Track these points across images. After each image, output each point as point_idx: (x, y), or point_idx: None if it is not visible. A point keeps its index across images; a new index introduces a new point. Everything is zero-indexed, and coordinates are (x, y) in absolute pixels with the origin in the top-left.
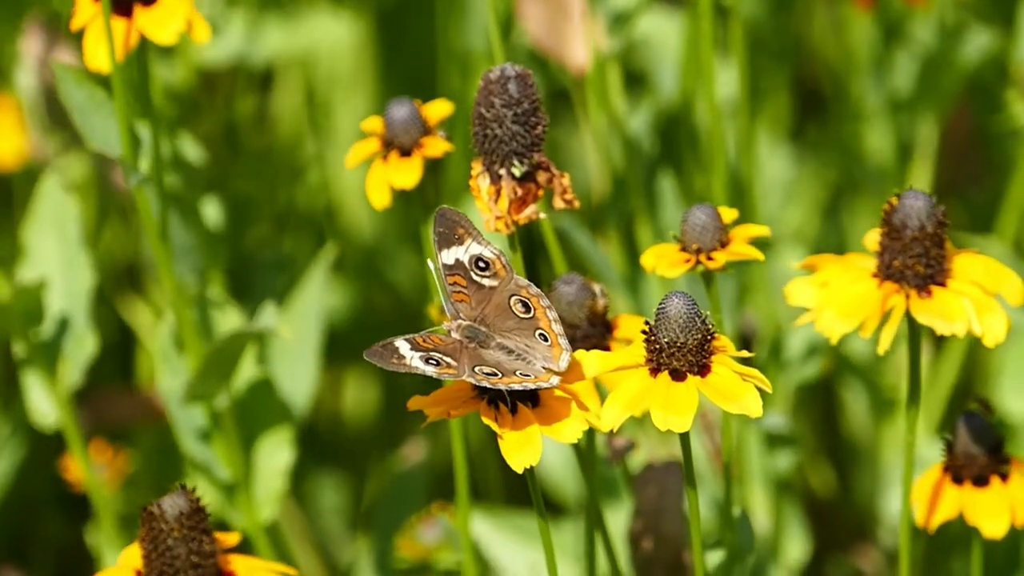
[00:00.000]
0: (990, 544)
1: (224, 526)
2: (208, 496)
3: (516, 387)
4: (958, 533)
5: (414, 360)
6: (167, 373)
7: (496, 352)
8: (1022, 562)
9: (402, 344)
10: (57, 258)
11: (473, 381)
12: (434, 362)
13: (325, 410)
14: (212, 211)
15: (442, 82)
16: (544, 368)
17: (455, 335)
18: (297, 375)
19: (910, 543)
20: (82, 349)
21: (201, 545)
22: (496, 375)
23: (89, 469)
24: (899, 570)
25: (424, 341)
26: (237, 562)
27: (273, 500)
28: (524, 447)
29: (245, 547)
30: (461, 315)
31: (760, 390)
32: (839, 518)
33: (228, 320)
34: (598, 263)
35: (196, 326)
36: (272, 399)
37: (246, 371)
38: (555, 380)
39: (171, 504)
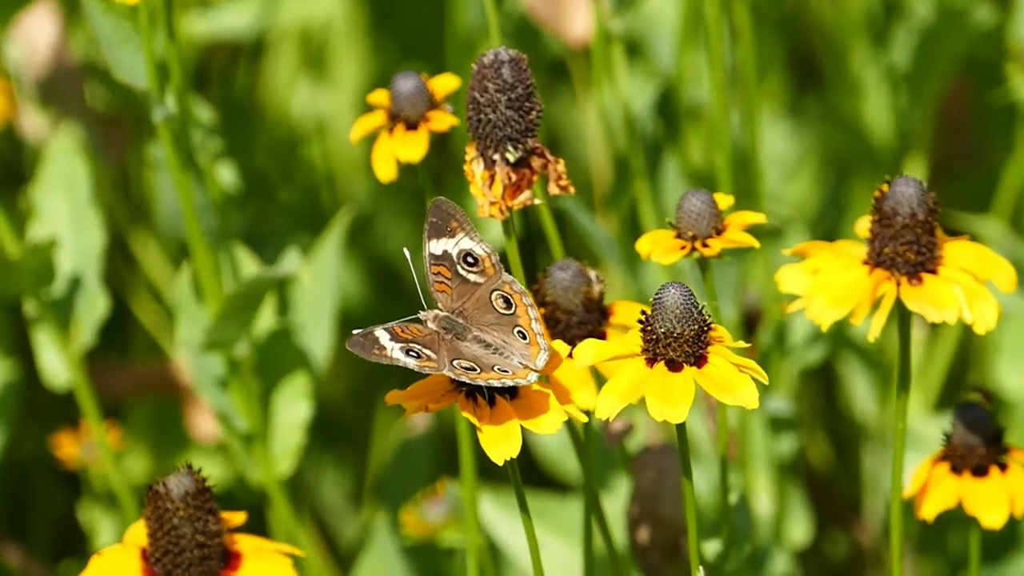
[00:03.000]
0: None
1: (241, 480)
2: (220, 459)
3: (495, 383)
4: (956, 512)
5: (395, 351)
6: (186, 321)
7: (473, 345)
8: (1018, 542)
9: (382, 334)
10: (67, 218)
11: (452, 376)
12: (415, 354)
13: (325, 380)
14: (225, 175)
15: (449, 56)
16: (521, 364)
17: (432, 325)
18: (316, 328)
19: (903, 524)
20: (94, 309)
21: (207, 525)
22: (475, 370)
23: (100, 428)
24: (891, 549)
25: (403, 331)
26: (243, 541)
27: (291, 454)
28: (503, 440)
29: (262, 502)
30: (440, 305)
31: (757, 380)
32: (838, 494)
33: (247, 271)
34: (600, 243)
35: (216, 277)
36: (291, 350)
37: (265, 321)
38: (533, 377)
39: (177, 483)
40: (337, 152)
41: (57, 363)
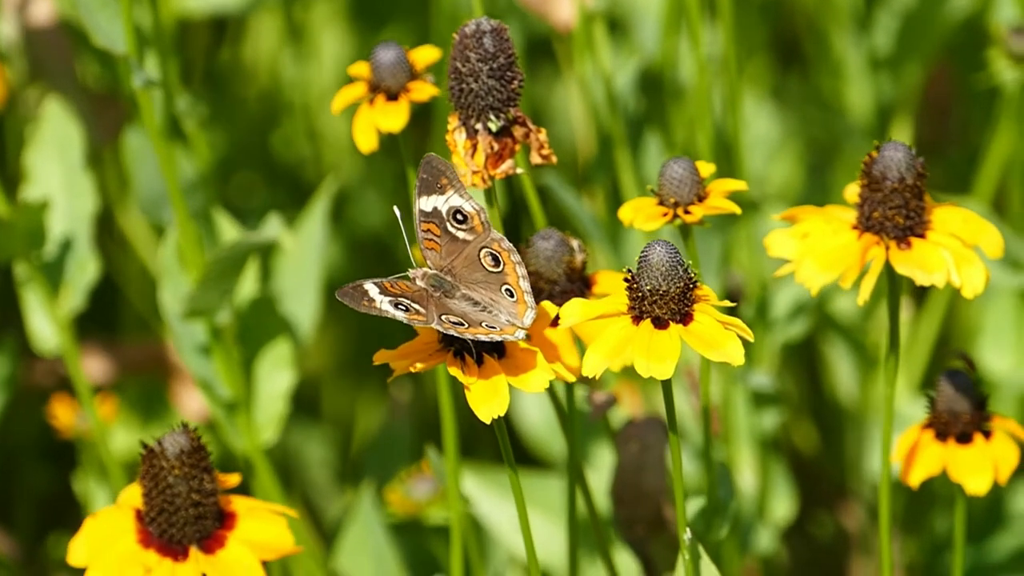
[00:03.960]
0: (971, 502)
1: (227, 457)
2: (207, 437)
3: (483, 338)
4: (940, 490)
5: (384, 304)
6: (169, 288)
7: (461, 303)
8: (1002, 520)
9: (371, 287)
10: (60, 181)
11: (440, 329)
12: (403, 308)
13: (308, 356)
14: (209, 144)
15: (433, 36)
16: (509, 322)
17: (420, 283)
18: (300, 296)
19: (891, 497)
20: (84, 273)
21: (202, 483)
22: (463, 324)
23: (87, 391)
24: (880, 525)
25: (392, 287)
26: (237, 502)
27: (274, 423)
28: (491, 398)
29: (248, 479)
30: (429, 263)
31: (744, 342)
32: (822, 475)
33: (229, 239)
34: (582, 218)
35: (198, 244)
36: (274, 318)
37: (248, 289)
38: (521, 333)
39: (172, 442)
40: (320, 129)
41: (46, 327)
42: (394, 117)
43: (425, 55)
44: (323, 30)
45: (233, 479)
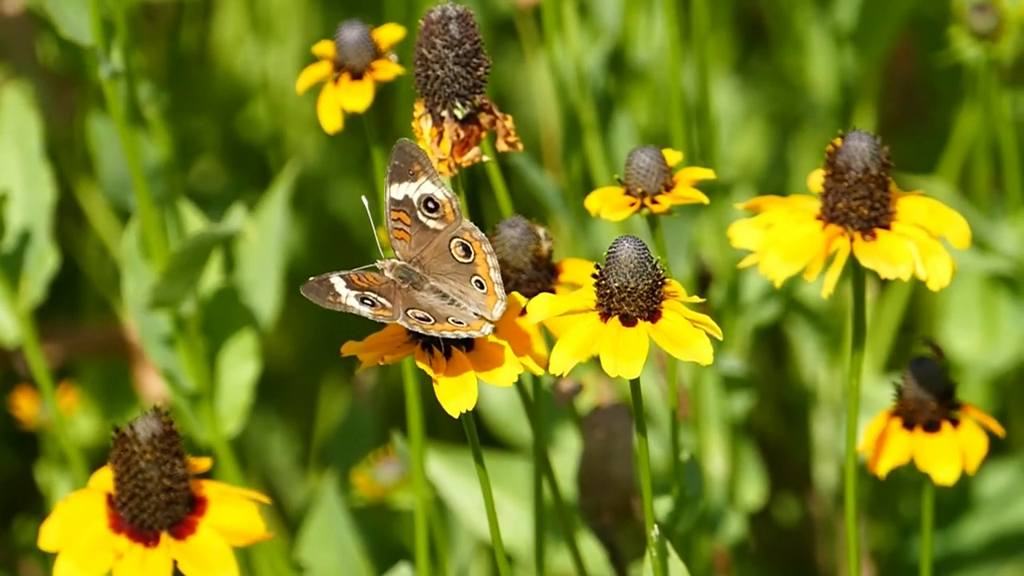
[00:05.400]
0: (939, 488)
1: (189, 442)
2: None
3: (448, 335)
4: (907, 475)
5: (349, 299)
6: (132, 278)
7: (429, 295)
8: (970, 505)
9: (337, 281)
10: (18, 172)
11: (406, 325)
12: (369, 303)
13: (271, 345)
14: (171, 131)
15: (387, 12)
16: (476, 315)
17: (388, 274)
18: (262, 287)
19: (856, 484)
20: (43, 265)
21: (173, 468)
22: (429, 320)
23: (50, 385)
24: (845, 510)
25: (359, 279)
26: (208, 487)
27: (238, 413)
28: (459, 392)
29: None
30: (398, 253)
31: (711, 336)
32: (788, 460)
33: (192, 228)
34: (550, 197)
35: (162, 234)
36: (237, 308)
37: (211, 280)
38: (488, 329)
39: (143, 426)
40: (284, 111)
41: (6, 319)
42: (358, 96)
43: (389, 34)
44: (288, 15)
45: (204, 463)
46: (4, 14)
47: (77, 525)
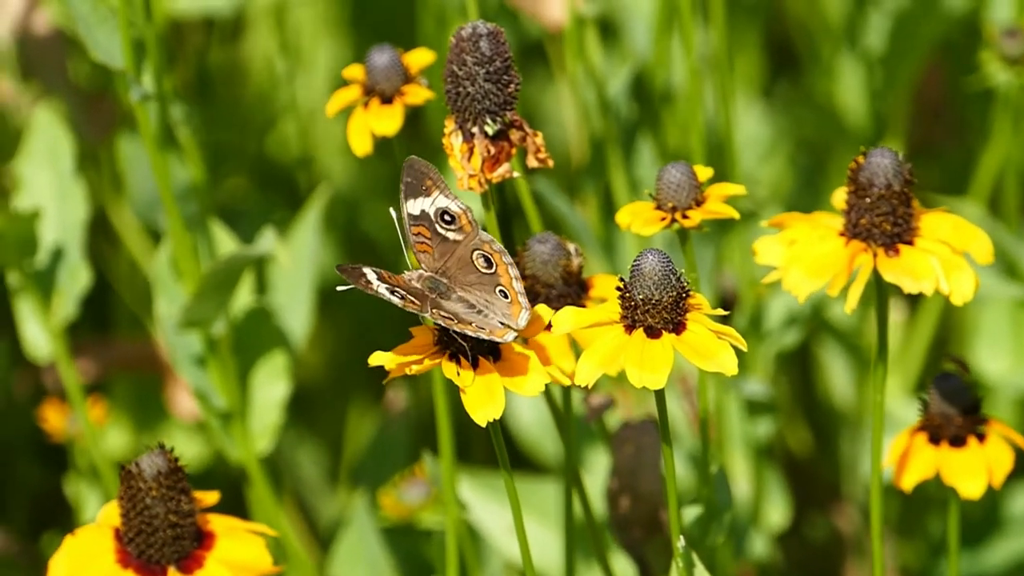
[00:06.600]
0: (967, 505)
1: (221, 458)
2: (201, 437)
3: (470, 333)
4: (935, 493)
5: (381, 288)
6: (164, 299)
7: (456, 304)
8: (998, 525)
9: (369, 272)
10: (51, 190)
11: (431, 319)
12: (399, 295)
13: (302, 363)
14: (199, 160)
15: (419, 33)
16: (502, 324)
17: (416, 284)
18: (294, 308)
19: (882, 501)
20: (76, 281)
21: (179, 504)
22: (453, 320)
23: (80, 398)
24: (871, 527)
25: (389, 278)
26: (216, 521)
27: (269, 432)
28: (487, 401)
29: (242, 480)
30: (423, 266)
31: (737, 350)
32: (816, 478)
33: (224, 249)
34: (575, 226)
35: (193, 255)
36: (269, 328)
37: (243, 300)
38: (511, 336)
39: (149, 463)
40: (313, 133)
41: (39, 335)
42: (388, 120)
43: (419, 58)
44: (317, 38)
45: (211, 497)
46: (34, 32)
47: (85, 560)
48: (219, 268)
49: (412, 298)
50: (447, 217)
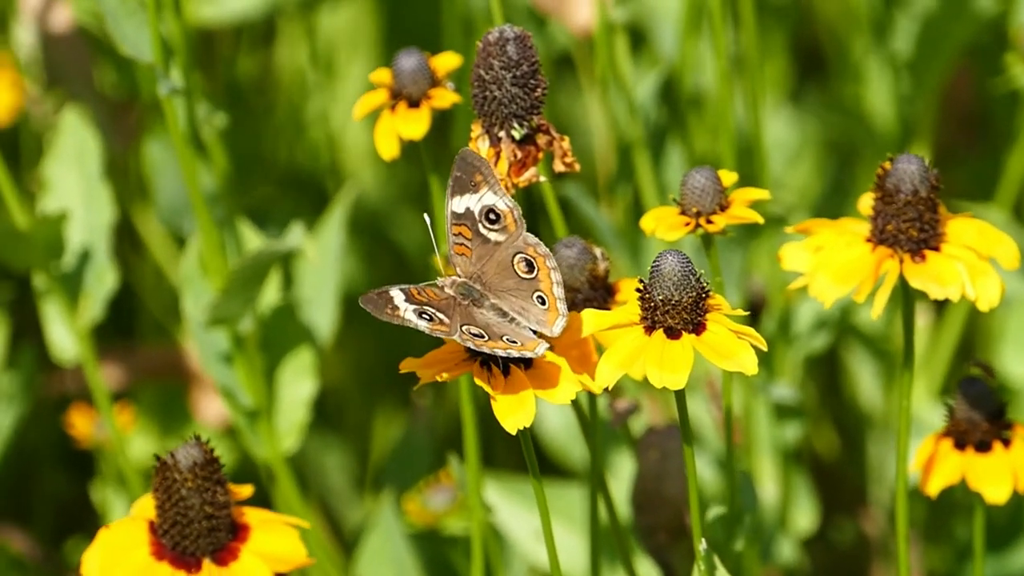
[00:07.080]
0: (992, 509)
1: (246, 464)
2: (226, 444)
3: (500, 352)
4: (961, 498)
5: (408, 313)
6: (191, 296)
7: (488, 313)
8: None
9: (397, 294)
10: (78, 192)
11: (459, 341)
12: (427, 317)
13: (328, 368)
14: (223, 160)
15: (446, 40)
16: (534, 333)
17: (448, 291)
18: (320, 304)
19: (907, 506)
20: (102, 283)
21: (215, 496)
22: (483, 337)
23: (106, 401)
24: (897, 531)
25: (419, 294)
26: (250, 514)
27: (296, 430)
28: (517, 409)
29: (267, 486)
30: (458, 270)
31: (760, 352)
32: (843, 482)
33: (251, 246)
34: (603, 231)
35: (221, 252)
36: (296, 326)
37: (270, 297)
38: (542, 349)
39: (185, 454)
40: (343, 143)
41: (66, 337)
42: (416, 124)
43: (446, 62)
44: (350, 50)
45: (246, 491)
46: (53, 33)
47: (119, 553)
48: (247, 263)
49: (441, 317)
50: (492, 216)
